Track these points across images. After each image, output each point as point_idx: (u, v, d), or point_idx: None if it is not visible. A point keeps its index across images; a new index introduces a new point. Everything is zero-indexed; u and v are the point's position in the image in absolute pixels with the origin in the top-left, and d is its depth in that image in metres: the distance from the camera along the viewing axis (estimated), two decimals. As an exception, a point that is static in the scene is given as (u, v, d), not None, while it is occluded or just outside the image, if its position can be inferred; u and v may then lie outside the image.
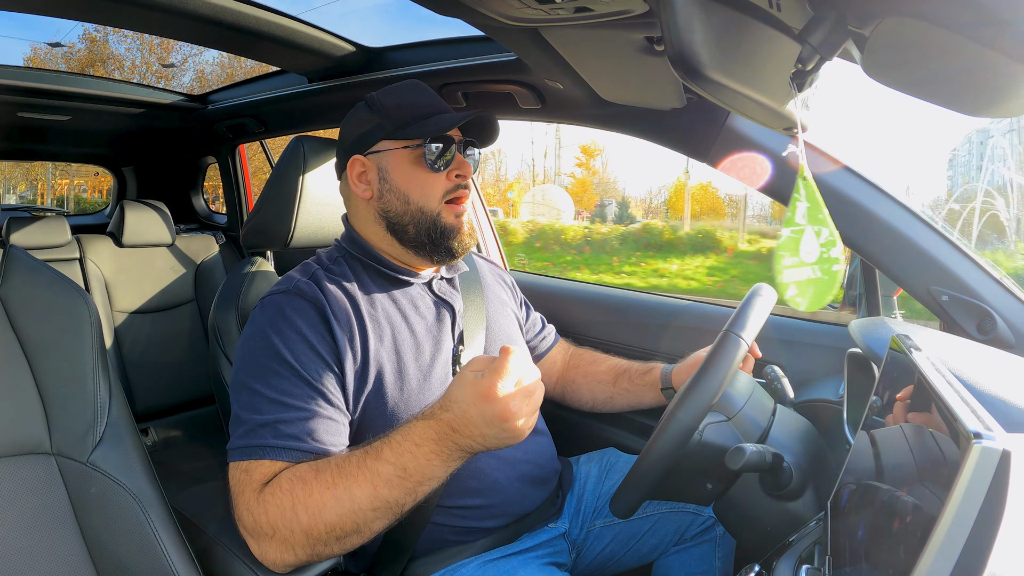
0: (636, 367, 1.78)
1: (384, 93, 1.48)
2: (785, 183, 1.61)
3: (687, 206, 28.10)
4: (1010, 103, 0.81)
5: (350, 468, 1.14)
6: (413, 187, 1.43)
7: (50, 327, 1.21)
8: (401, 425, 1.16)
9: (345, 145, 1.50)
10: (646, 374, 1.74)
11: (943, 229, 1.54)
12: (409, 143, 1.43)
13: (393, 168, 1.44)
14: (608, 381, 1.80)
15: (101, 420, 1.21)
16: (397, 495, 1.12)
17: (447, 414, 1.09)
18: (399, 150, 1.43)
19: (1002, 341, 1.47)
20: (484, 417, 1.06)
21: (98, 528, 1.16)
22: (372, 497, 1.11)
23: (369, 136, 1.46)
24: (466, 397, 1.07)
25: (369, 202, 1.48)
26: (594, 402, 1.84)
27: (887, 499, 0.81)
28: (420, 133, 1.41)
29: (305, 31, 2.03)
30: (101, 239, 3.33)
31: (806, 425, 1.35)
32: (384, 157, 1.45)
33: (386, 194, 1.45)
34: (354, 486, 1.12)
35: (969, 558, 0.61)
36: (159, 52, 21.69)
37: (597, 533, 1.65)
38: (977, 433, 0.61)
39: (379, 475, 1.12)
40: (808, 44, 0.87)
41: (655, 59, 1.35)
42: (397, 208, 1.45)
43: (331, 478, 1.14)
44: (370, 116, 1.47)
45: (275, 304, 1.35)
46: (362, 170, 1.47)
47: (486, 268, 1.82)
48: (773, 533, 1.18)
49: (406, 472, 1.11)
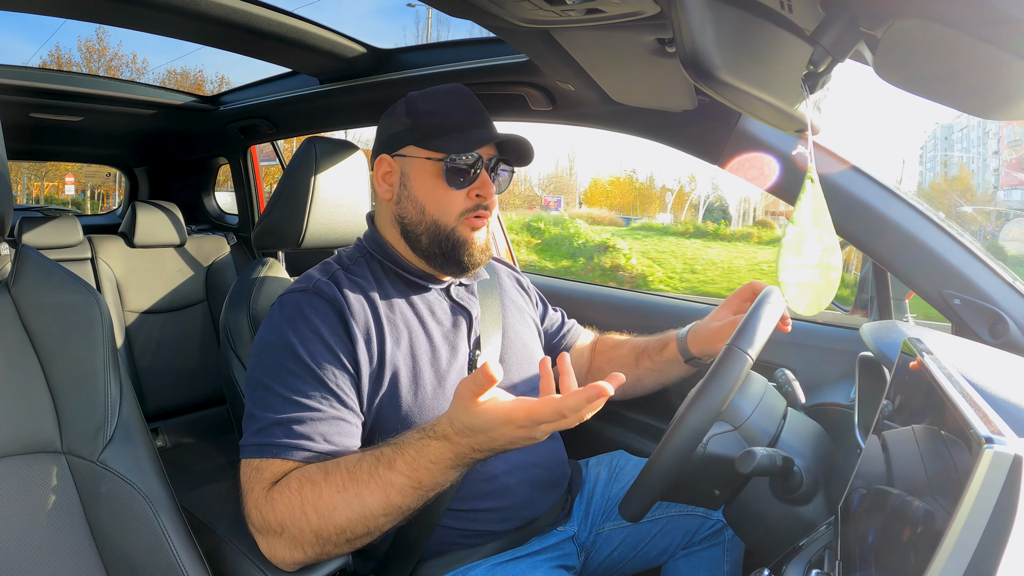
0: (653, 344, 1.76)
1: (423, 96, 1.46)
2: (796, 185, 1.60)
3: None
4: (1022, 104, 0.80)
5: (361, 475, 1.14)
6: (431, 200, 1.42)
7: (61, 327, 1.21)
8: (411, 438, 1.15)
9: (379, 140, 1.50)
10: (663, 349, 1.72)
11: (956, 232, 1.53)
12: (433, 155, 1.41)
13: (415, 176, 1.43)
14: (631, 364, 1.77)
15: (112, 419, 1.21)
16: (410, 502, 1.13)
17: (467, 439, 1.07)
18: (423, 160, 1.42)
19: (1014, 345, 1.46)
20: (512, 439, 1.06)
21: (108, 527, 1.16)
22: (384, 504, 1.12)
23: (399, 138, 1.45)
24: (494, 426, 1.05)
25: (389, 203, 1.48)
26: (622, 389, 1.81)
27: (898, 504, 0.81)
28: (445, 147, 1.40)
29: (316, 32, 2.03)
30: (113, 239, 3.35)
31: (817, 429, 1.34)
32: (408, 163, 1.44)
33: (404, 200, 1.44)
34: (366, 492, 1.12)
35: (980, 564, 0.60)
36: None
37: (606, 536, 1.64)
38: (988, 438, 0.61)
39: (392, 485, 1.12)
40: (820, 46, 0.87)
41: (666, 61, 1.35)
42: (412, 216, 1.44)
43: (341, 482, 1.14)
44: (404, 117, 1.45)
45: (294, 302, 1.35)
46: (388, 170, 1.47)
47: (504, 273, 1.81)
48: (783, 537, 1.18)
49: (421, 485, 1.12)
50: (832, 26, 0.85)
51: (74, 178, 32.94)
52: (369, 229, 1.55)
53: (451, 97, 1.46)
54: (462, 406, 1.06)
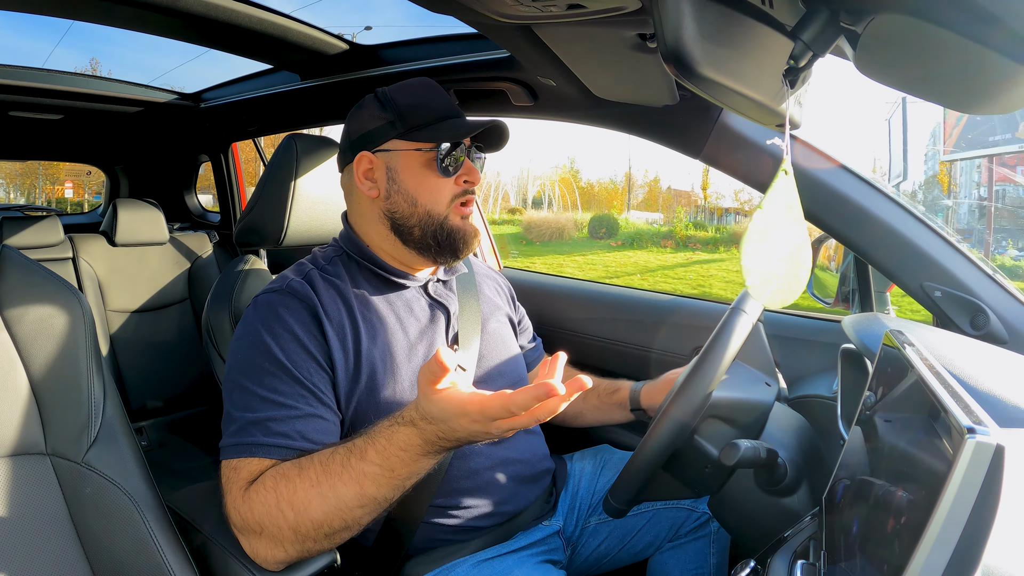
0: (604, 384, 1.79)
1: (397, 90, 1.46)
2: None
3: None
4: (1002, 99, 0.81)
5: (334, 467, 1.14)
6: (422, 190, 1.42)
7: (44, 327, 1.21)
8: (382, 426, 1.14)
9: (352, 139, 1.48)
10: (614, 393, 1.75)
11: (936, 225, 1.54)
12: (422, 146, 1.41)
13: (403, 169, 1.43)
14: (577, 397, 1.77)
15: (95, 420, 1.20)
16: (384, 492, 1.12)
17: (431, 427, 1.06)
18: (410, 152, 1.42)
19: (995, 336, 1.48)
20: (471, 432, 1.04)
21: (94, 528, 1.16)
22: (359, 495, 1.11)
23: (379, 134, 1.44)
24: (450, 416, 1.03)
25: (375, 201, 1.47)
26: (563, 418, 1.81)
27: (881, 494, 0.82)
28: (433, 137, 1.40)
29: (298, 28, 2.03)
30: (94, 238, 3.33)
31: (800, 421, 1.35)
32: (394, 157, 1.43)
33: (394, 195, 1.44)
34: (339, 484, 1.12)
35: (964, 552, 0.61)
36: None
37: (592, 530, 1.65)
38: (971, 428, 0.61)
39: (365, 475, 1.11)
40: (800, 41, 0.87)
41: (648, 56, 1.35)
42: (404, 210, 1.44)
43: (315, 476, 1.14)
44: (381, 113, 1.44)
45: (268, 303, 1.34)
46: (369, 167, 1.46)
47: (482, 270, 1.81)
48: (768, 529, 1.19)
49: (393, 472, 1.11)
50: (813, 21, 0.86)
51: (72, 184, 33.03)
52: (344, 228, 1.54)
53: (426, 89, 1.47)
54: (422, 393, 1.05)
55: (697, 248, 23.76)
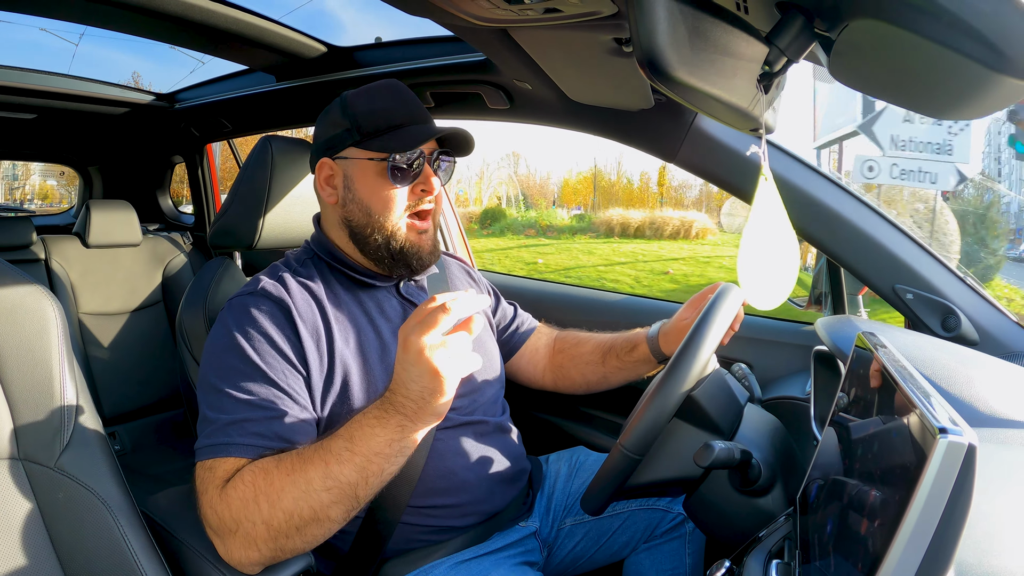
0: (620, 343, 1.77)
1: (358, 95, 1.46)
2: (750, 183, 1.63)
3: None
4: (974, 105, 0.82)
5: (308, 452, 1.14)
6: (376, 200, 1.42)
7: (15, 330, 1.19)
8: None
9: (317, 144, 1.49)
10: (633, 350, 1.73)
11: (907, 228, 1.56)
12: (374, 155, 1.41)
13: (358, 178, 1.43)
14: (596, 361, 1.79)
15: (68, 424, 1.19)
16: (347, 472, 1.11)
17: (391, 394, 1.11)
18: (364, 160, 1.42)
19: (966, 338, 1.50)
20: (402, 364, 1.07)
21: (67, 534, 1.15)
22: (324, 476, 1.11)
23: (338, 141, 1.44)
24: (399, 359, 1.08)
25: (334, 207, 1.48)
26: (588, 385, 1.83)
27: (855, 494, 0.83)
28: (386, 147, 1.40)
29: (274, 30, 2.02)
30: (67, 240, 3.29)
31: (774, 422, 1.36)
32: (350, 165, 1.44)
33: (349, 203, 1.45)
34: (309, 467, 1.12)
35: (937, 550, 0.62)
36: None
37: (568, 531, 1.65)
38: (943, 428, 0.62)
39: (330, 451, 1.12)
40: (775, 46, 0.88)
41: (623, 60, 1.36)
42: (359, 219, 1.44)
43: (291, 465, 1.14)
44: (342, 119, 1.44)
45: (241, 305, 1.34)
46: (329, 174, 1.47)
47: (455, 267, 1.82)
48: (743, 529, 1.19)
49: (352, 442, 1.11)
50: (787, 27, 0.87)
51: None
52: (316, 231, 1.55)
53: (387, 94, 1.46)
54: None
55: (536, 235, 24.44)
